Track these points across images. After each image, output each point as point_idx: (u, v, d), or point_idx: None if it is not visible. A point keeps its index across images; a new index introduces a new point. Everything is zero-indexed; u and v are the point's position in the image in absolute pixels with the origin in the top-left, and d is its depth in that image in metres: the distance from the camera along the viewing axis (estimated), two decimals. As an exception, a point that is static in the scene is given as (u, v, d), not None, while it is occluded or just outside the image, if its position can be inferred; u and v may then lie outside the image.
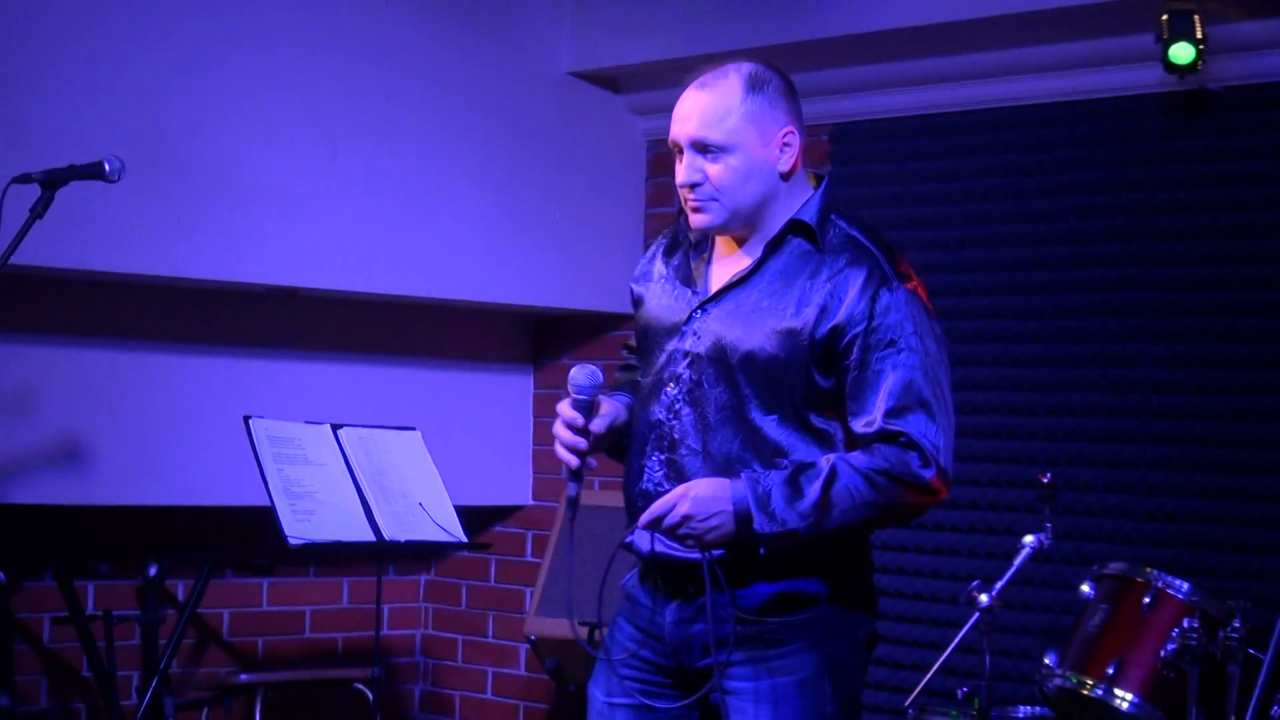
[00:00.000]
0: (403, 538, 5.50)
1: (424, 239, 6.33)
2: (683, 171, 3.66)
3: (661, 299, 3.75)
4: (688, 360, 3.64)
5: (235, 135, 5.88)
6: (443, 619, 7.42)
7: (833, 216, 3.65)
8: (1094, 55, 5.73)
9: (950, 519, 5.95)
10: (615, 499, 6.48)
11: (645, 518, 3.54)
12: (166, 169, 5.70)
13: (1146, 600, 4.83)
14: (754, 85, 3.61)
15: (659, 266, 3.82)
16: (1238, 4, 5.36)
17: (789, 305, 3.56)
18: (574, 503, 3.66)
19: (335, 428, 5.63)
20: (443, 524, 5.58)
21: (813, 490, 3.47)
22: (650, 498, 3.61)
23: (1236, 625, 4.68)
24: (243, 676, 6.39)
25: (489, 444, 7.07)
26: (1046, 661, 4.97)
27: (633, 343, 3.96)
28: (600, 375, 3.64)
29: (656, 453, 3.67)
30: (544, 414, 7.18)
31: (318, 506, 5.38)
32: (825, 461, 3.51)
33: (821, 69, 6.19)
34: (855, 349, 3.51)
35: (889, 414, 3.49)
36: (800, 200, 3.65)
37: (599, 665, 3.84)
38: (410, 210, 6.30)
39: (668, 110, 6.73)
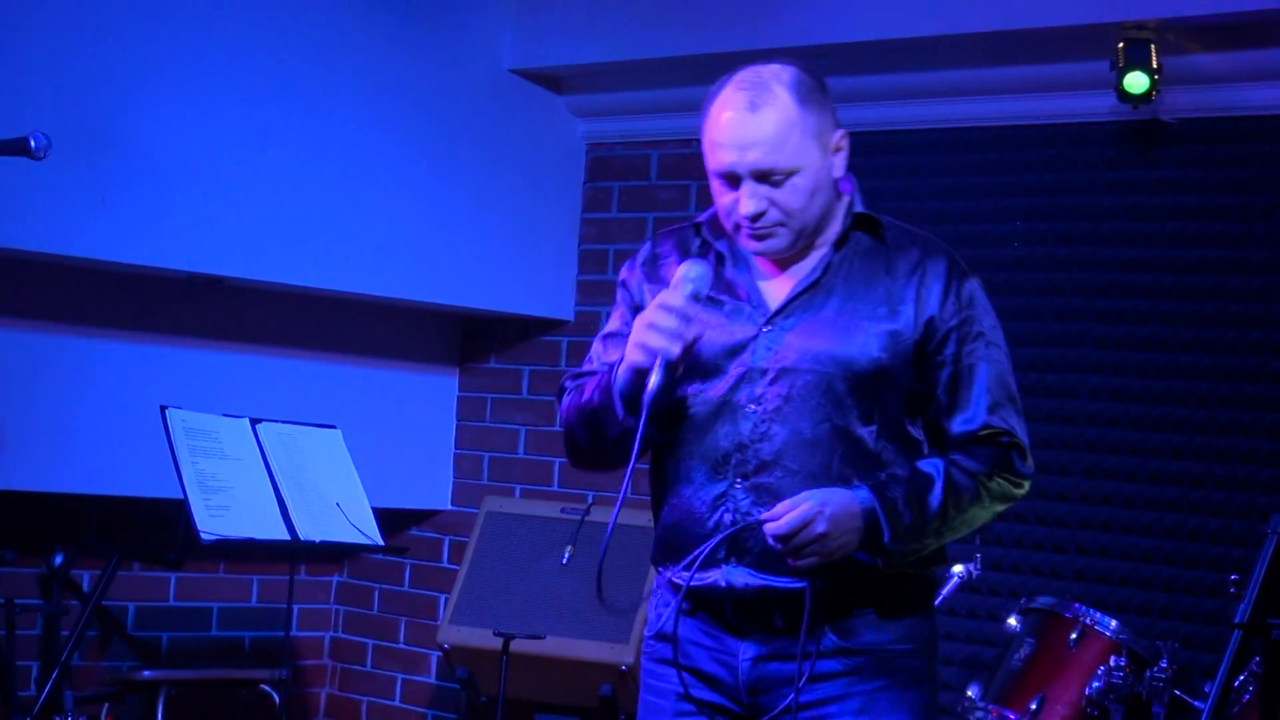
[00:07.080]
0: (318, 538, 5.44)
1: (353, 233, 6.26)
2: (746, 203, 3.36)
3: (708, 317, 3.42)
4: (769, 378, 3.38)
5: (165, 118, 5.80)
6: (353, 622, 7.32)
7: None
8: (1047, 80, 5.72)
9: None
10: (535, 508, 6.42)
11: (777, 530, 3.24)
12: (92, 148, 5.61)
13: (1073, 636, 4.81)
14: (803, 97, 3.37)
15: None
16: (1194, 36, 5.35)
17: (879, 305, 3.40)
18: (654, 397, 3.28)
19: (254, 422, 5.56)
20: (359, 525, 5.51)
21: (934, 499, 3.32)
22: (733, 528, 3.37)
23: (1164, 665, 4.70)
24: (146, 673, 6.29)
25: (410, 446, 7.01)
26: (969, 694, 4.94)
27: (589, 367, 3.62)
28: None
29: (739, 479, 3.38)
30: (467, 417, 7.10)
31: (232, 502, 5.31)
32: (933, 468, 3.37)
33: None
34: (950, 343, 3.40)
35: (990, 410, 3.39)
36: (843, 199, 3.52)
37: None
38: (340, 203, 6.23)
39: (610, 113, 6.76)
